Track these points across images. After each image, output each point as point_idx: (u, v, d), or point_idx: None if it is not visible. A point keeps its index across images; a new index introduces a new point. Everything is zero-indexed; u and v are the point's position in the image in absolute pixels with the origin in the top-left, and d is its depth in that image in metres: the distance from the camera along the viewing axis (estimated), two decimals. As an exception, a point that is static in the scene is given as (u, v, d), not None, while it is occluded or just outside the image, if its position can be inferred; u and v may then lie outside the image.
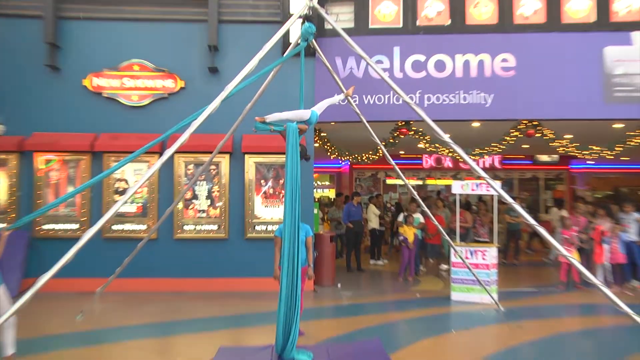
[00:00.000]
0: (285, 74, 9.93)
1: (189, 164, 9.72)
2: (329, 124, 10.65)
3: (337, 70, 9.99)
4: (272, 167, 9.83)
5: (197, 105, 9.05)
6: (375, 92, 10.01)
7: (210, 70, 9.89)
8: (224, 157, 9.73)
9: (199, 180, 9.67)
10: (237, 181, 9.83)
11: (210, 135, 9.41)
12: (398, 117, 10.25)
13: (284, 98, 9.79)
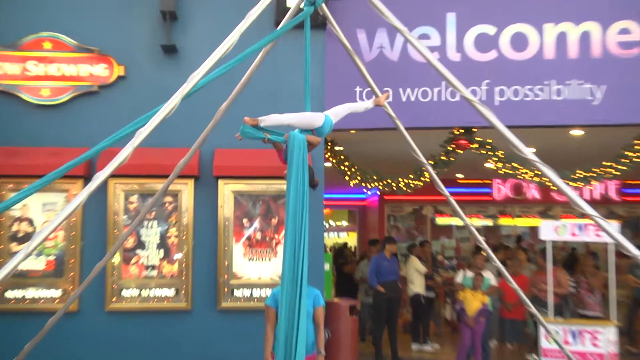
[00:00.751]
0: (280, 55, 10.08)
1: (131, 194, 9.76)
2: (347, 132, 10.70)
3: (360, 49, 10.10)
4: (261, 200, 9.83)
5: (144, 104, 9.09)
6: (418, 84, 10.09)
7: (165, 50, 10.03)
8: (187, 183, 9.77)
9: (146, 219, 9.69)
10: (205, 221, 9.83)
11: (164, 150, 9.45)
12: (454, 122, 10.31)
13: (278, 93, 9.86)
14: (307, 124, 5.45)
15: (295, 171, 5.18)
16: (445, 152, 11.09)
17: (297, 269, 5.02)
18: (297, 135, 5.28)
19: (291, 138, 5.26)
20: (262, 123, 5.27)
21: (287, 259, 5.04)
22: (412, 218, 20.56)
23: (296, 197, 5.13)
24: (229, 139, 9.71)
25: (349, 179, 12.11)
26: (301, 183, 5.18)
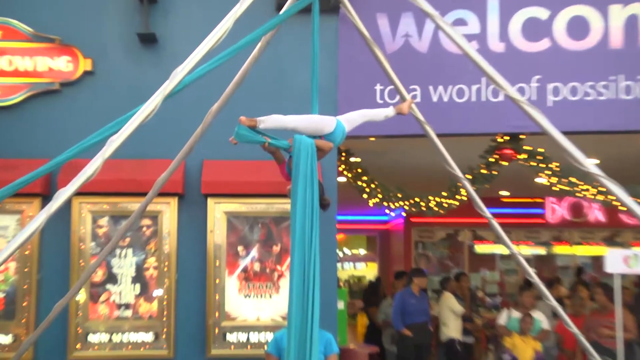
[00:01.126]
0: (283, 47, 10.09)
1: (100, 216, 9.78)
2: (366, 140, 10.70)
3: (381, 38, 10.14)
4: (260, 222, 9.83)
5: (116, 106, 9.12)
6: (452, 81, 10.10)
7: (142, 40, 10.09)
8: (169, 202, 9.79)
9: (119, 246, 9.71)
10: (192, 248, 9.84)
11: (142, 162, 9.49)
12: (496, 127, 10.31)
13: (280, 93, 9.89)
14: (314, 129, 5.45)
15: (302, 183, 5.17)
16: (486, 164, 11.08)
17: (306, 308, 5.00)
18: (304, 139, 5.29)
19: (297, 142, 5.26)
20: (262, 124, 5.26)
21: (294, 296, 5.03)
22: (446, 245, 20.52)
23: (304, 219, 5.12)
24: (221, 148, 9.74)
25: (367, 197, 12.10)
26: (310, 199, 5.16)
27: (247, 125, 5.21)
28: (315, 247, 5.10)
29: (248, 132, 5.23)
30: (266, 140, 5.27)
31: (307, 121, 5.48)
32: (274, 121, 5.32)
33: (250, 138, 5.26)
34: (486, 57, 5.54)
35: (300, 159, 5.22)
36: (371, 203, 12.21)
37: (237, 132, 5.23)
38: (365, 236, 24.62)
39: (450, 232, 20.41)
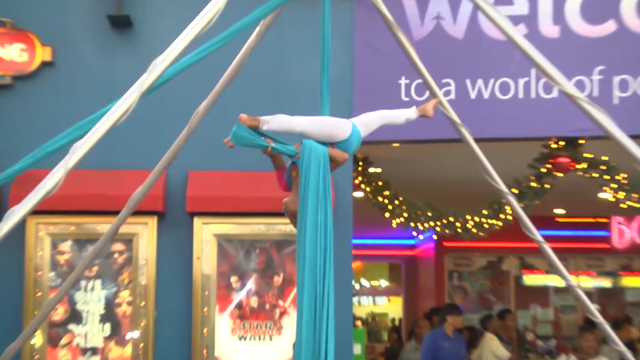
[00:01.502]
0: (287, 33, 10.10)
1: (61, 239, 9.80)
2: (388, 146, 10.70)
3: (407, 22, 10.14)
4: (258, 247, 9.85)
5: (82, 104, 9.14)
6: (494, 74, 10.11)
7: (113, 24, 10.11)
8: (146, 223, 9.81)
9: (84, 277, 9.72)
10: (174, 280, 9.85)
11: (113, 173, 9.53)
12: (549, 130, 10.32)
13: (283, 88, 9.90)
14: (327, 134, 5.46)
15: (314, 201, 5.16)
16: (536, 175, 11.06)
17: (317, 353, 5.01)
18: (316, 146, 5.29)
19: (306, 149, 5.25)
20: (265, 125, 5.25)
21: (303, 338, 5.04)
22: (487, 276, 20.45)
23: (315, 244, 5.11)
24: (210, 157, 9.77)
25: (390, 216, 12.09)
26: (323, 220, 5.16)
27: (248, 125, 5.20)
28: (329, 279, 5.09)
29: (248, 133, 5.20)
30: (269, 144, 5.25)
31: (319, 124, 5.48)
32: (280, 122, 5.31)
33: (251, 141, 5.23)
34: (536, 44, 5.54)
35: (311, 170, 5.21)
36: (394, 223, 12.20)
37: (235, 132, 5.20)
38: (387, 264, 24.47)
39: (492, 260, 20.34)
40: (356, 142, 5.59)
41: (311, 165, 5.22)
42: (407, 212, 12.04)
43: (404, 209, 12.04)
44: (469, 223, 11.89)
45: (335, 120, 5.57)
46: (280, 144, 5.30)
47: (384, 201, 11.97)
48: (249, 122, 5.19)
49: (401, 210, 12.02)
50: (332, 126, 5.51)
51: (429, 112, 6.12)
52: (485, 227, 11.92)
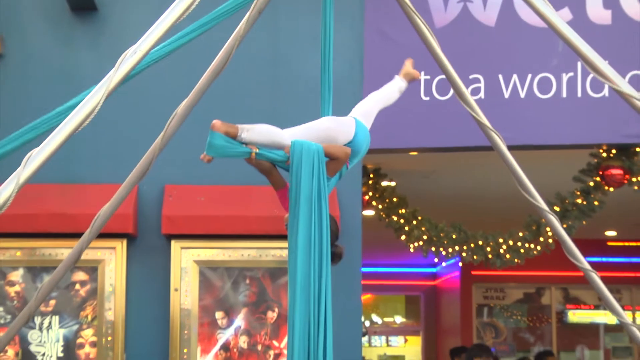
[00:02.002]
0: (281, 18, 10.11)
1: (11, 267, 9.79)
2: (404, 155, 10.72)
3: (428, 6, 10.15)
4: (248, 277, 9.86)
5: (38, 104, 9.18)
6: (532, 69, 10.12)
7: (73, 8, 10.10)
8: (114, 247, 9.82)
9: (40, 313, 9.72)
10: (148, 314, 9.87)
11: (74, 188, 9.54)
12: (599, 136, 10.31)
13: (278, 85, 9.92)
14: (324, 140, 5.47)
15: (306, 213, 5.17)
16: (583, 190, 11.09)
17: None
18: (308, 144, 5.29)
19: (296, 148, 5.24)
20: (244, 134, 5.26)
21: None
22: (524, 311, 20.48)
23: (309, 268, 5.13)
24: (190, 168, 9.81)
25: (407, 239, 12.12)
26: (317, 236, 5.17)
27: (223, 132, 5.21)
28: (325, 313, 5.10)
29: (226, 141, 5.22)
30: (252, 150, 5.26)
31: (313, 132, 5.48)
32: (262, 133, 5.30)
33: (230, 150, 5.24)
34: (584, 33, 5.56)
35: (302, 173, 5.21)
36: (412, 248, 12.23)
37: (211, 142, 5.22)
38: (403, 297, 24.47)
39: (530, 292, 20.38)
40: (364, 140, 5.60)
41: (302, 167, 5.22)
42: (427, 234, 12.07)
43: (424, 230, 12.07)
44: (501, 248, 11.92)
45: (332, 122, 5.58)
46: (267, 149, 5.30)
47: (400, 221, 12.00)
48: (224, 129, 5.21)
49: (420, 231, 12.04)
50: (330, 129, 5.52)
51: (415, 74, 6.20)
52: (521, 252, 11.95)
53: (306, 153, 5.25)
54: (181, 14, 4.93)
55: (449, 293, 21.58)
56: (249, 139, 5.25)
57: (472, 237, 11.98)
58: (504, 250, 11.96)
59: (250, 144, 5.25)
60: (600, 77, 5.42)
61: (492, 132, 6.42)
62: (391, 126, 9.38)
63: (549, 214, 6.61)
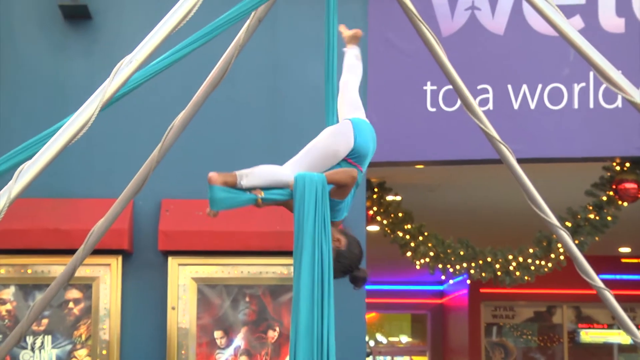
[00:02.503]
0: (281, 25, 10.12)
1: (2, 286, 9.77)
2: (410, 168, 10.72)
3: (434, 14, 10.16)
4: (247, 294, 9.86)
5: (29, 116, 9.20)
6: (542, 79, 10.13)
7: (67, 15, 10.13)
8: (109, 264, 9.82)
9: (32, 332, 9.72)
10: (144, 334, 9.88)
11: (68, 202, 9.55)
12: (612, 148, 10.30)
13: (278, 94, 9.93)
14: (328, 156, 5.47)
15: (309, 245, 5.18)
16: (596, 205, 11.08)
17: None
18: (310, 176, 5.29)
19: (299, 183, 5.25)
20: (244, 180, 5.29)
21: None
22: (534, 330, 20.47)
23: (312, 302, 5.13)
24: (188, 182, 9.82)
25: (412, 255, 12.11)
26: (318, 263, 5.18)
27: (221, 184, 5.25)
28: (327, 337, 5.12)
29: (227, 192, 5.26)
30: (258, 195, 5.29)
31: (314, 154, 5.47)
32: (262, 176, 5.32)
33: (234, 201, 5.28)
34: (596, 41, 5.56)
35: (305, 208, 5.21)
36: (418, 265, 12.22)
37: (212, 197, 5.27)
38: (409, 315, 24.49)
39: (540, 310, 20.37)
40: (368, 137, 5.56)
41: (305, 202, 5.23)
42: (434, 251, 12.06)
43: (430, 246, 12.06)
44: (511, 265, 11.91)
45: (329, 136, 5.55)
46: (271, 191, 5.33)
47: (405, 237, 12.00)
48: (222, 180, 5.24)
49: (426, 248, 12.04)
50: (329, 147, 5.50)
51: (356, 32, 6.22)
52: (531, 269, 11.93)
53: (309, 187, 5.24)
54: (178, 22, 4.93)
55: (457, 311, 21.58)
56: (250, 184, 5.28)
57: (480, 253, 11.98)
58: (514, 267, 11.95)
59: (252, 189, 5.28)
60: (613, 87, 5.42)
61: (501, 144, 6.43)
62: (396, 138, 9.39)
63: (560, 229, 6.61)
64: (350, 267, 5.48)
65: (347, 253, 5.44)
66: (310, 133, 5.68)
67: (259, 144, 9.82)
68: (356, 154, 5.49)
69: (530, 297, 19.37)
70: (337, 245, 5.40)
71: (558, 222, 6.56)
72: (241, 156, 9.73)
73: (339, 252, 5.41)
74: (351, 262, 5.46)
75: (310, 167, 5.42)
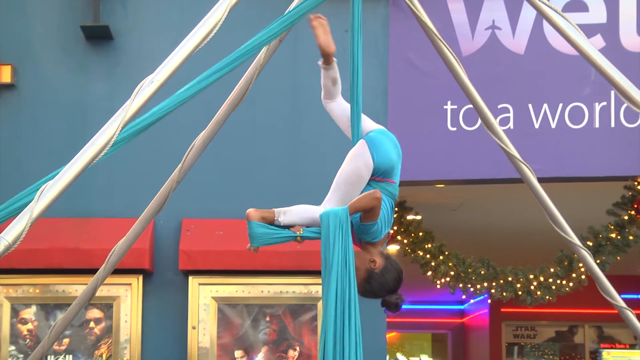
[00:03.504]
0: (302, 44, 10.11)
1: (24, 305, 9.81)
2: (431, 187, 10.71)
3: (454, 33, 10.15)
4: (268, 314, 9.84)
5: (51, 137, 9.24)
6: (563, 97, 10.10)
7: (88, 36, 10.17)
8: (130, 284, 9.83)
9: (53, 351, 9.71)
10: (165, 353, 9.87)
11: (89, 222, 9.57)
12: (633, 168, 10.19)
13: (298, 114, 9.93)
14: (356, 182, 5.47)
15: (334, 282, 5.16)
16: (617, 224, 11.04)
17: None
18: (334, 212, 5.27)
19: (324, 221, 5.23)
20: (281, 217, 5.31)
21: None
22: (556, 350, 20.41)
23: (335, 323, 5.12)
24: (208, 202, 9.83)
25: (433, 275, 12.09)
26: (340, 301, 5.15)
27: (259, 219, 5.27)
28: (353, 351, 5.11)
29: (266, 228, 5.28)
30: (297, 233, 5.31)
31: (344, 184, 5.46)
32: (299, 214, 5.31)
33: (273, 237, 5.32)
34: (617, 60, 5.55)
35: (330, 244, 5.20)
36: (439, 284, 12.19)
37: (252, 233, 5.30)
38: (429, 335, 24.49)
39: (562, 330, 20.30)
40: (386, 151, 5.50)
41: (330, 237, 5.22)
42: (455, 270, 12.03)
43: (451, 265, 12.03)
44: (532, 284, 11.87)
45: (349, 164, 5.52)
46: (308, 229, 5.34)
47: (426, 256, 11.97)
48: (259, 216, 5.26)
49: (447, 267, 12.01)
50: (351, 174, 5.46)
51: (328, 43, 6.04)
52: (553, 289, 11.89)
53: (332, 223, 5.24)
54: (199, 43, 4.94)
55: (478, 331, 21.53)
56: (288, 221, 5.30)
57: (501, 272, 11.94)
58: (535, 287, 11.91)
59: (289, 226, 5.30)
60: (634, 106, 5.41)
61: (522, 163, 6.41)
62: (417, 158, 9.38)
63: (582, 249, 6.59)
64: (380, 290, 5.46)
65: (378, 276, 5.40)
66: (331, 153, 5.72)
67: (280, 164, 9.83)
68: (381, 171, 5.46)
69: (551, 317, 19.33)
70: (372, 267, 5.37)
71: (579, 241, 6.53)
72: (262, 176, 9.76)
73: (371, 273, 5.39)
74: (381, 287, 5.43)
75: (343, 198, 5.40)
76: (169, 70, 4.86)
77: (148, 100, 4.77)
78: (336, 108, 5.98)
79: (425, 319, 22.95)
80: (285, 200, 9.18)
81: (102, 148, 4.68)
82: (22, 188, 5.00)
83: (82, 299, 6.51)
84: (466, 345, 22.77)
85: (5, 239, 4.54)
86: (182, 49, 4.90)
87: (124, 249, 6.34)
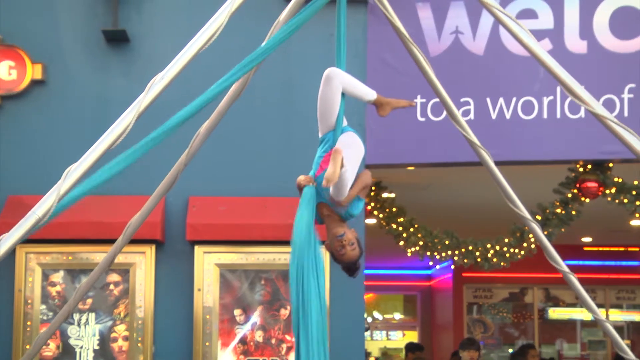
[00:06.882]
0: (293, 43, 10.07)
1: (53, 270, 9.76)
2: (402, 170, 10.69)
3: (423, 36, 10.12)
4: (263, 278, 9.81)
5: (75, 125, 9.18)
6: (517, 92, 10.07)
7: (108, 39, 10.12)
8: (144, 252, 9.78)
9: (78, 310, 9.67)
10: (174, 312, 9.86)
11: (108, 199, 9.49)
12: (576, 152, 10.30)
13: (289, 106, 9.90)
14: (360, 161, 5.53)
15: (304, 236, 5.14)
16: (562, 201, 11.02)
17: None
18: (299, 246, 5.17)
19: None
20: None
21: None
22: (509, 308, 20.39)
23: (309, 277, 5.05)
24: (212, 181, 9.79)
25: (405, 244, 12.05)
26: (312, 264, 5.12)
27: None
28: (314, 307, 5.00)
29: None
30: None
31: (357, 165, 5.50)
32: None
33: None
34: (562, 60, 5.53)
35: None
36: (409, 252, 12.15)
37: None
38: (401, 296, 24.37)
39: (514, 291, 20.28)
40: None
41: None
42: (423, 240, 11.99)
43: (420, 236, 11.99)
44: (489, 252, 11.85)
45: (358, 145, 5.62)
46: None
47: (399, 228, 11.93)
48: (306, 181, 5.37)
49: (417, 238, 11.97)
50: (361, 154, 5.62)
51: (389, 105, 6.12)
52: (507, 256, 11.87)
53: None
54: (203, 44, 4.92)
55: (443, 292, 21.50)
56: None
57: (463, 242, 11.91)
58: (492, 255, 11.88)
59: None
60: (578, 100, 5.38)
61: (481, 149, 6.39)
62: (391, 144, 9.37)
63: (532, 222, 6.57)
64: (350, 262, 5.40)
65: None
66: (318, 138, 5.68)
67: (275, 149, 9.80)
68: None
69: (505, 280, 19.30)
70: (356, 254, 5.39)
71: (530, 215, 6.53)
72: (259, 160, 9.73)
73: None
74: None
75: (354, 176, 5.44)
76: (177, 68, 4.85)
77: (159, 94, 4.75)
78: (338, 94, 6.05)
79: (398, 282, 22.89)
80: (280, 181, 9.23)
81: (119, 135, 4.67)
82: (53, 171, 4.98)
83: (103, 265, 6.48)
84: (433, 305, 22.72)
85: (36, 213, 4.52)
86: (188, 49, 4.89)
87: (139, 222, 6.32)
